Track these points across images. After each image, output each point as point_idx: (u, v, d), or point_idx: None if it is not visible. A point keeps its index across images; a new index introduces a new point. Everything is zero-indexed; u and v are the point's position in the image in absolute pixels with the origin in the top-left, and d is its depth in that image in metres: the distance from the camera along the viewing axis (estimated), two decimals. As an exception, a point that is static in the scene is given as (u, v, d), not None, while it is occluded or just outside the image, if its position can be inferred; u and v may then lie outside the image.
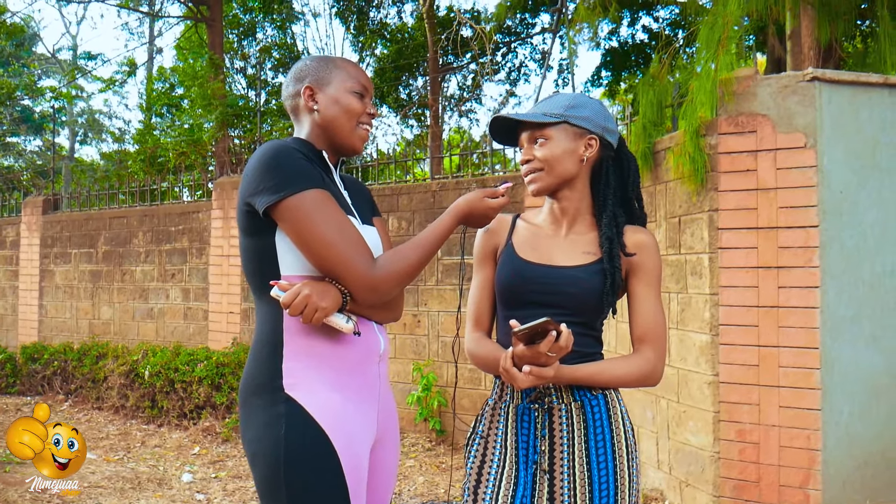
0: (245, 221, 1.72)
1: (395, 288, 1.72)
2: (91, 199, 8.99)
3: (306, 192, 1.64)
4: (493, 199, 1.80)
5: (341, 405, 1.69)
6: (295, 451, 1.63)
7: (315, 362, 1.69)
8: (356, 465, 1.69)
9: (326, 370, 1.70)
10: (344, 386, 1.71)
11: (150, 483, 4.83)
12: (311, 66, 1.86)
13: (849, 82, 3.64)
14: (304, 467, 1.63)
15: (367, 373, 1.77)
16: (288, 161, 1.67)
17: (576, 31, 7.75)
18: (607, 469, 1.77)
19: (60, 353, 7.70)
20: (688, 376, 3.97)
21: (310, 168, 1.69)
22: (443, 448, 5.70)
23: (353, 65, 1.89)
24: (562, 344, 1.60)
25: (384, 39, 16.71)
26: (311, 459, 1.63)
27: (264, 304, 1.74)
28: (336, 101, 1.82)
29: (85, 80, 23.27)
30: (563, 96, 1.86)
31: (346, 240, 1.65)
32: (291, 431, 1.63)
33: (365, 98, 1.86)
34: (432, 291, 6.04)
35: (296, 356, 1.69)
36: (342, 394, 1.70)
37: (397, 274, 1.70)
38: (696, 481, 3.90)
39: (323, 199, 1.66)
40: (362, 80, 1.86)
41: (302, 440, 1.63)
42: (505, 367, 1.67)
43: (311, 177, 1.67)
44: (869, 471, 3.60)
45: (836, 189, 3.59)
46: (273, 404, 1.66)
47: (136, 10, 17.14)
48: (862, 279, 3.61)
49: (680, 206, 4.06)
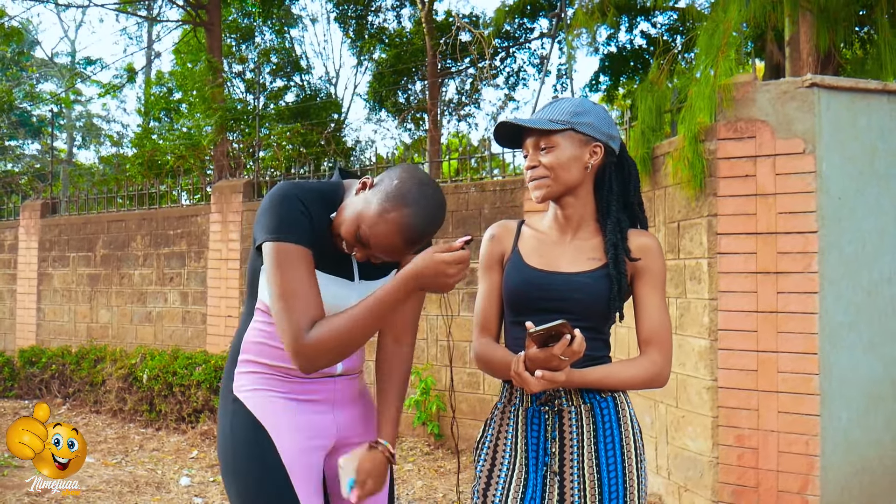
0: (253, 243, 1.83)
1: (323, 359, 1.65)
2: (89, 203, 8.98)
3: (282, 243, 1.67)
4: (448, 255, 1.57)
5: (282, 405, 1.83)
6: (240, 444, 1.80)
7: (262, 370, 1.85)
8: (299, 459, 1.80)
9: (271, 379, 1.84)
10: (287, 391, 1.84)
11: (149, 487, 4.82)
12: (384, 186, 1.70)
13: (847, 88, 3.65)
14: (247, 455, 1.79)
15: (319, 388, 1.87)
16: (287, 208, 1.70)
17: (574, 37, 7.77)
18: (616, 471, 1.79)
19: (58, 356, 7.69)
20: (687, 381, 3.97)
21: (299, 220, 1.70)
22: (441, 452, 5.70)
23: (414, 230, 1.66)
24: (575, 348, 1.61)
25: (383, 44, 16.73)
26: (252, 452, 1.78)
27: (243, 315, 1.93)
28: (361, 217, 1.69)
29: (84, 84, 23.28)
30: (568, 102, 1.86)
31: (293, 302, 1.64)
32: (237, 428, 1.81)
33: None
34: (431, 295, 6.03)
35: (247, 365, 1.86)
36: (285, 398, 1.84)
37: (324, 347, 1.63)
38: (695, 486, 3.90)
39: (293, 254, 1.67)
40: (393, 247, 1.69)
41: (245, 435, 1.80)
42: (517, 370, 1.67)
43: (293, 229, 1.69)
44: (867, 477, 3.60)
45: (835, 195, 3.60)
46: (227, 405, 1.86)
47: (135, 14, 17.14)
48: (860, 285, 3.62)
49: (679, 211, 4.07)
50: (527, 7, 13.84)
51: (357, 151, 17.25)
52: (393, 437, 1.88)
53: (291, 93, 17.70)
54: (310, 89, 17.90)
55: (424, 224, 1.66)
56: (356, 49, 17.45)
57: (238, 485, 1.79)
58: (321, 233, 1.75)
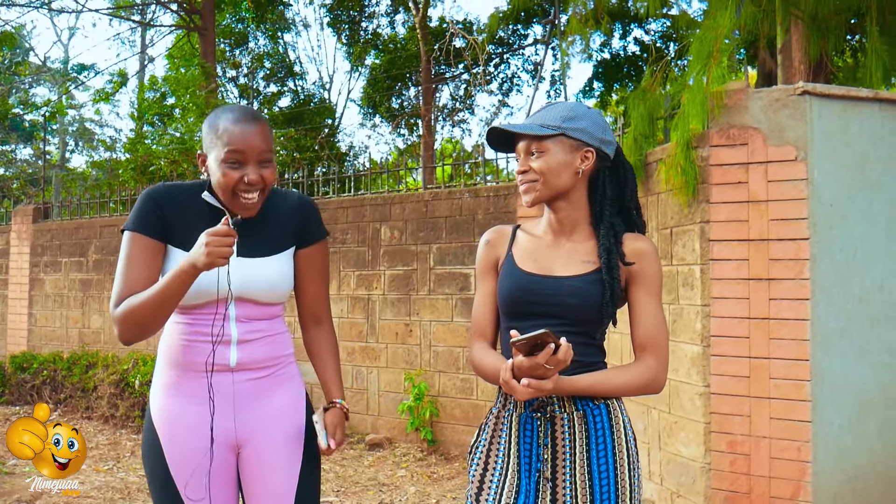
0: None
1: (127, 332, 1.86)
2: (82, 208, 8.96)
3: (126, 232, 1.92)
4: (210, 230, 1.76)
5: (173, 406, 1.99)
6: (144, 446, 2.03)
7: (162, 370, 2.03)
8: (182, 457, 1.95)
9: (170, 377, 2.00)
10: (181, 391, 1.98)
11: (140, 493, 4.80)
12: (204, 129, 1.95)
13: (839, 96, 3.67)
14: (145, 457, 2.02)
15: (216, 383, 1.97)
16: (140, 202, 1.94)
17: (568, 44, 7.79)
18: (609, 478, 1.78)
19: (50, 362, 7.65)
20: (679, 387, 3.98)
21: (146, 213, 1.92)
22: (434, 458, 5.69)
23: (235, 129, 1.87)
24: (560, 357, 1.60)
25: (377, 49, 16.76)
26: (148, 452, 2.01)
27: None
28: (214, 172, 1.91)
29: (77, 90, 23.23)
30: (561, 106, 1.86)
31: (120, 281, 1.88)
32: (145, 427, 2.04)
33: (245, 165, 1.87)
34: (424, 301, 6.04)
35: (158, 365, 2.06)
36: (178, 397, 1.98)
37: (124, 320, 1.85)
38: (688, 492, 3.90)
39: (130, 242, 1.90)
40: (239, 145, 1.86)
41: (146, 437, 2.03)
42: (505, 378, 1.67)
43: (139, 221, 1.91)
44: (860, 484, 3.61)
45: (827, 202, 3.62)
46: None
47: (129, 19, 17.12)
48: (852, 292, 3.64)
49: (671, 217, 4.08)
50: (521, 14, 13.88)
51: (351, 157, 17.25)
52: (342, 395, 2.12)
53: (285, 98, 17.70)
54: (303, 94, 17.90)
55: (234, 106, 1.99)
56: (350, 54, 17.46)
57: (149, 485, 2.03)
58: (191, 219, 1.93)
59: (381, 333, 6.25)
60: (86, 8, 13.95)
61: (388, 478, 5.24)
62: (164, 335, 2.02)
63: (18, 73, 21.89)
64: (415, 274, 6.10)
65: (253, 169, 1.88)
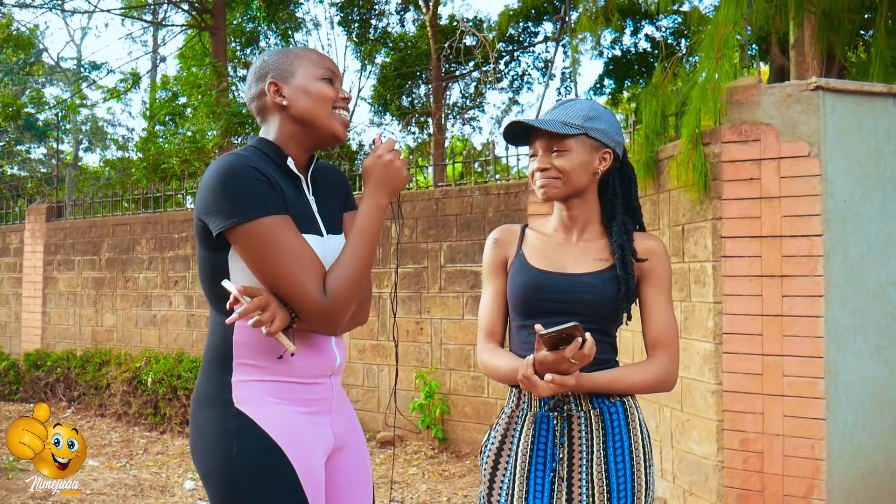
0: (200, 235, 1.67)
1: (348, 310, 1.64)
2: (94, 207, 9.00)
3: (260, 220, 1.57)
4: (376, 151, 1.75)
5: (292, 417, 1.67)
6: (249, 465, 1.60)
7: (264, 376, 1.66)
8: (312, 474, 1.66)
9: (276, 384, 1.67)
10: (294, 399, 1.69)
11: (153, 490, 4.82)
12: (271, 60, 1.77)
13: (852, 91, 3.65)
14: (261, 481, 1.60)
15: (320, 387, 1.74)
16: (242, 183, 1.58)
17: (579, 41, 7.77)
18: (625, 476, 1.79)
19: (63, 360, 7.71)
20: (691, 385, 3.96)
21: (265, 190, 1.60)
22: (445, 455, 5.69)
23: (314, 52, 1.80)
24: (585, 352, 1.60)
25: (387, 48, 16.76)
26: (266, 473, 1.61)
27: (217, 316, 1.71)
28: (306, 91, 1.72)
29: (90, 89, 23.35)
30: (581, 104, 1.86)
31: (301, 271, 1.58)
32: (244, 446, 1.61)
33: (335, 83, 1.77)
34: (435, 299, 6.04)
35: (245, 370, 1.66)
36: (293, 407, 1.68)
37: (347, 294, 1.61)
38: (700, 490, 3.89)
39: (277, 226, 1.58)
40: (328, 64, 1.77)
41: (255, 454, 1.61)
42: (526, 374, 1.65)
43: (266, 202, 1.59)
44: (874, 481, 3.58)
45: (840, 198, 3.59)
46: (224, 419, 1.64)
47: (140, 19, 17.20)
48: (866, 289, 3.61)
49: (683, 214, 4.06)
50: (531, 11, 13.86)
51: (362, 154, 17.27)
52: None
53: (296, 96, 17.66)
54: (314, 93, 17.87)
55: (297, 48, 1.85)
56: (360, 53, 17.47)
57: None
58: (283, 191, 1.67)
59: (392, 331, 6.25)
60: (98, 8, 14.02)
61: (399, 475, 5.25)
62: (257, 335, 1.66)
63: (32, 74, 22.04)
64: (425, 272, 6.10)
65: (342, 89, 1.78)
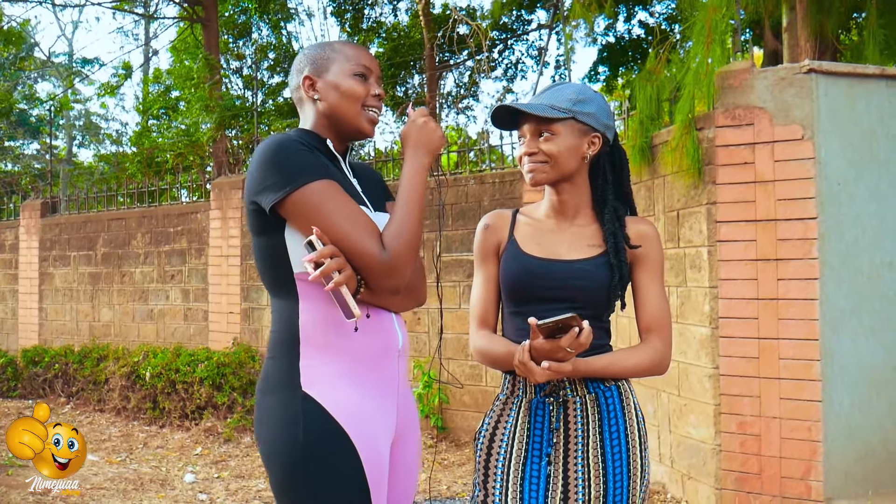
0: (253, 220, 1.68)
1: (409, 265, 1.65)
2: (89, 202, 8.98)
3: (312, 184, 1.59)
4: (412, 117, 1.77)
5: (360, 402, 1.64)
6: (314, 450, 1.58)
7: (332, 358, 1.64)
8: (377, 463, 1.64)
9: (344, 366, 1.65)
10: (362, 382, 1.66)
11: (153, 484, 4.83)
12: (310, 54, 1.79)
13: (845, 74, 3.64)
14: (324, 467, 1.58)
15: (386, 368, 1.72)
16: (290, 154, 1.61)
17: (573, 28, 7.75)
18: (621, 460, 1.79)
19: (61, 355, 7.70)
20: (688, 369, 3.98)
21: (313, 159, 1.63)
22: (444, 444, 5.71)
23: (352, 46, 1.80)
24: (582, 340, 1.60)
25: (380, 37, 16.70)
26: (330, 459, 1.59)
27: (280, 301, 1.69)
28: (336, 87, 1.74)
29: (82, 83, 23.26)
30: (569, 87, 1.84)
31: (358, 228, 1.60)
32: (310, 431, 1.59)
33: (369, 79, 1.77)
34: (431, 288, 6.03)
35: (313, 353, 1.64)
36: (361, 390, 1.65)
37: (406, 250, 1.63)
38: (698, 474, 3.90)
39: (330, 189, 1.60)
40: (363, 60, 1.78)
41: (321, 439, 1.59)
42: (522, 360, 1.65)
43: (315, 168, 1.62)
44: (870, 462, 3.60)
45: (834, 181, 3.59)
46: (290, 403, 1.62)
47: (132, 12, 17.11)
48: (861, 271, 3.62)
49: (678, 199, 4.06)
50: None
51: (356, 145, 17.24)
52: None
53: (290, 88, 17.62)
54: (308, 84, 17.82)
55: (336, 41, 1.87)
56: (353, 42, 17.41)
57: (311, 500, 1.60)
58: (324, 159, 1.70)
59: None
60: (89, 2, 13.92)
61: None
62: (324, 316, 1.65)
63: (23, 69, 21.93)
64: (421, 261, 6.09)
65: (376, 85, 1.78)
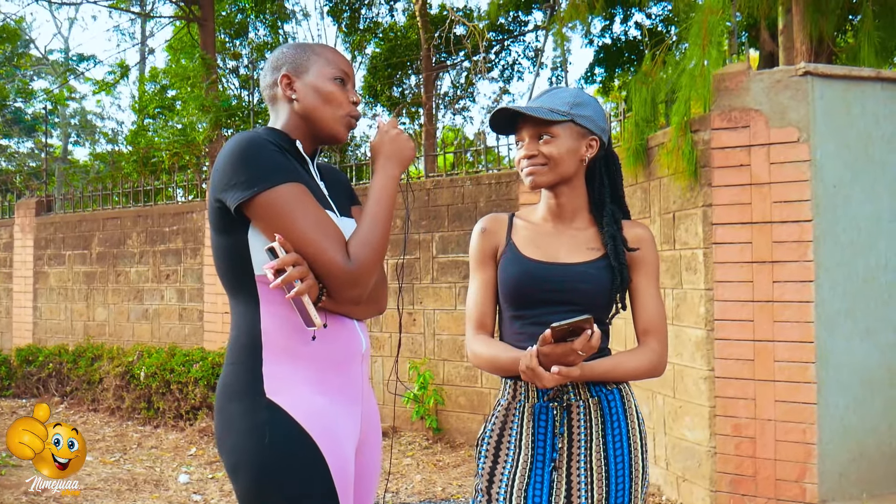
0: (216, 218, 1.64)
1: (373, 276, 1.63)
2: (84, 201, 8.96)
3: (280, 186, 1.56)
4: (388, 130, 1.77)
5: (325, 407, 1.62)
6: (282, 458, 1.55)
7: (295, 363, 1.61)
8: (343, 467, 1.62)
9: (308, 371, 1.62)
10: (327, 387, 1.64)
11: (147, 484, 4.82)
12: (288, 53, 1.77)
13: (841, 76, 3.65)
14: (292, 474, 1.56)
15: (350, 372, 1.70)
16: (259, 154, 1.58)
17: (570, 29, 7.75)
18: (624, 462, 1.80)
19: (55, 355, 7.68)
20: (683, 371, 3.98)
21: (284, 161, 1.61)
22: (440, 446, 5.70)
23: (332, 50, 1.79)
24: (593, 343, 1.60)
25: (377, 38, 16.69)
26: (299, 465, 1.56)
27: (240, 305, 1.66)
28: (316, 89, 1.73)
29: (77, 81, 23.22)
30: (566, 92, 1.85)
31: (325, 236, 1.57)
32: (277, 438, 1.56)
33: (347, 84, 1.77)
34: (427, 290, 6.03)
35: (276, 359, 1.61)
36: (326, 395, 1.63)
37: (371, 261, 1.61)
38: (693, 476, 3.91)
39: (298, 193, 1.58)
40: (343, 65, 1.77)
41: (288, 446, 1.56)
42: (530, 365, 1.63)
43: (285, 170, 1.59)
44: (865, 463, 3.61)
45: (830, 183, 3.60)
46: (255, 411, 1.58)
47: (128, 10, 17.08)
48: (856, 273, 3.62)
49: (674, 201, 4.07)
50: (520, 0, 13.81)
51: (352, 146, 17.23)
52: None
53: (286, 88, 17.58)
54: (304, 84, 17.79)
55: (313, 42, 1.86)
56: (350, 43, 17.40)
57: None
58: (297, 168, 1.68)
59: (385, 322, 6.25)
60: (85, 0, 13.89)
61: (393, 466, 5.25)
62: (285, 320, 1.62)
63: (19, 66, 21.88)
64: (417, 262, 6.10)
65: (353, 91, 1.78)
